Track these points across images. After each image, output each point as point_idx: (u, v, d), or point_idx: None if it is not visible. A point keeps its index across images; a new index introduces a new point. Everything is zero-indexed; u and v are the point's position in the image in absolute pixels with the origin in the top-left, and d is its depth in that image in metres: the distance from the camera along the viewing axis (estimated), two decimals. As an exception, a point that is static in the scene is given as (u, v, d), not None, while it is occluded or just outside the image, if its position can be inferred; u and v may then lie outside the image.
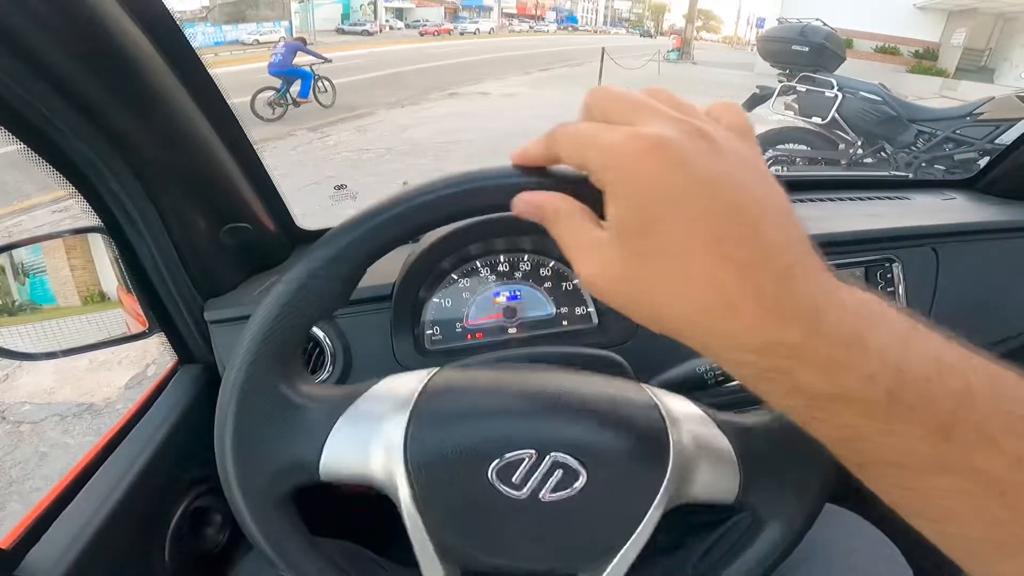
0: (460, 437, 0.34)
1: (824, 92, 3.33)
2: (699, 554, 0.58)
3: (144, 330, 0.60)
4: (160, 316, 0.60)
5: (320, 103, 7.34)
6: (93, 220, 0.54)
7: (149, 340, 0.63)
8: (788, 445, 0.37)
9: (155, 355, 2.27)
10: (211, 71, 0.54)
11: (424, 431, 0.34)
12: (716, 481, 0.37)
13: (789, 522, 0.38)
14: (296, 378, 0.36)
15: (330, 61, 7.79)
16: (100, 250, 0.58)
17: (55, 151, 0.46)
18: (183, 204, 0.55)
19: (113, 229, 0.54)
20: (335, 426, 0.35)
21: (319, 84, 7.32)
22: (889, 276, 0.76)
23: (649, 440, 0.35)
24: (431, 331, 0.68)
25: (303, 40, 7.95)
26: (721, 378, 0.49)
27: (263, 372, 0.34)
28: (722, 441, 0.37)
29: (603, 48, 9.41)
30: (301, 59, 7.34)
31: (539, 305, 0.70)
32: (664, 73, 12.43)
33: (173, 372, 0.65)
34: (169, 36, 0.48)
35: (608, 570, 0.37)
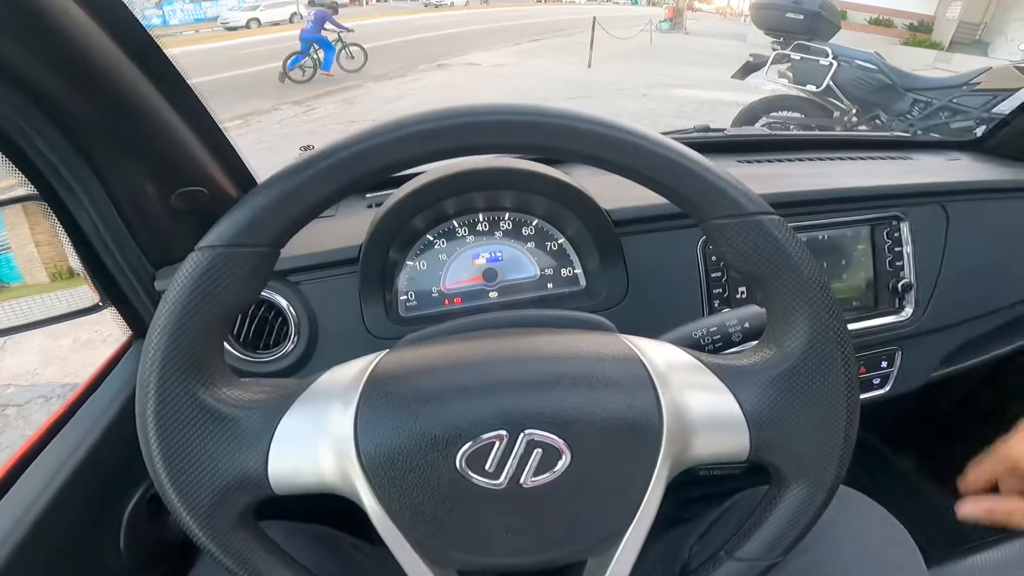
0: (418, 424, 0.30)
1: (819, 60, 3.30)
2: (698, 532, 0.55)
3: (96, 304, 0.56)
4: (109, 289, 0.56)
5: (344, 69, 7.90)
6: (31, 189, 0.49)
7: (114, 317, 0.59)
8: (800, 386, 0.33)
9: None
10: (151, 32, 0.49)
11: (374, 422, 0.30)
12: (722, 438, 0.32)
13: (816, 478, 0.34)
14: (221, 382, 0.31)
15: (352, 31, 8.13)
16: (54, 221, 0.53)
17: None
18: (126, 168, 0.51)
19: (50, 197, 0.49)
20: (276, 432, 0.30)
21: (347, 51, 8.01)
22: (896, 235, 0.73)
23: (635, 400, 0.31)
24: (405, 296, 0.64)
25: (334, 9, 8.40)
26: (719, 343, 0.46)
27: (177, 382, 0.29)
28: (721, 391, 0.33)
29: (594, 18, 9.17)
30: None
31: (522, 266, 0.66)
32: (656, 43, 12.18)
33: (126, 348, 0.60)
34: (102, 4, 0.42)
35: (617, 554, 0.33)
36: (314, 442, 0.31)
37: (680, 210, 0.34)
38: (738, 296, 0.68)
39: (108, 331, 2.24)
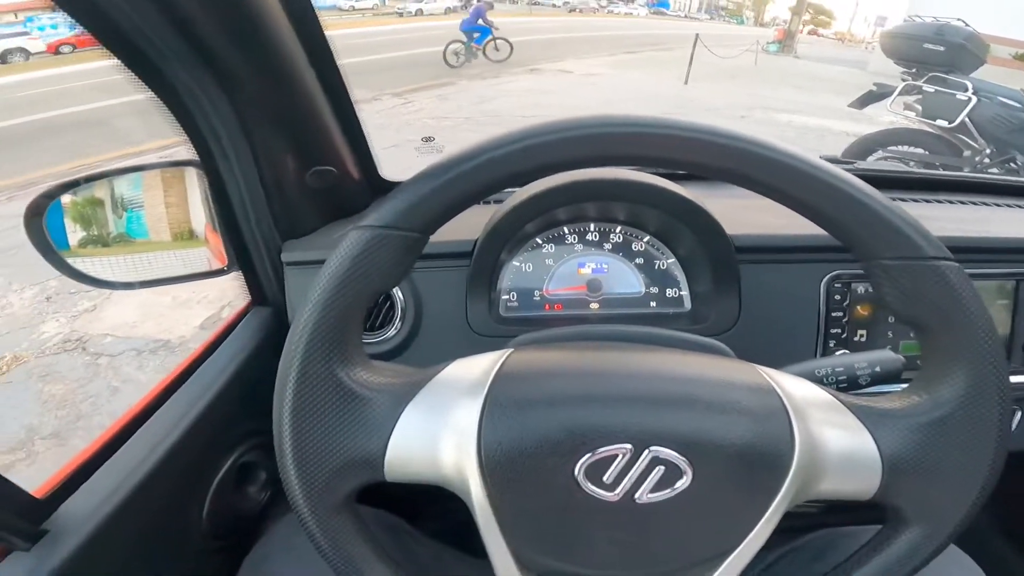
0: (543, 428, 0.30)
1: (956, 94, 3.00)
2: (764, 564, 0.53)
3: (223, 267, 0.60)
4: (240, 254, 0.59)
5: (488, 58, 9.09)
6: (191, 154, 0.54)
7: (229, 283, 0.63)
8: (949, 435, 0.32)
9: (231, 297, 2.37)
10: (320, 19, 0.53)
11: (500, 420, 0.30)
12: (851, 477, 0.32)
13: (939, 526, 0.32)
14: (357, 362, 0.32)
15: (497, 28, 9.37)
16: (195, 188, 0.58)
17: (164, 84, 0.46)
18: (275, 143, 0.54)
19: (207, 163, 0.54)
20: (400, 417, 0.31)
21: (494, 43, 9.20)
22: None
23: (769, 431, 0.30)
24: (508, 296, 0.65)
25: (490, 5, 10.01)
26: (844, 384, 0.44)
27: (320, 358, 0.30)
28: (859, 431, 0.32)
29: (696, 34, 8.87)
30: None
31: (627, 281, 0.65)
32: (761, 65, 11.58)
33: (244, 313, 0.64)
34: None
35: None
36: (436, 433, 0.31)
37: (808, 244, 0.34)
38: (856, 338, 0.64)
39: (204, 293, 2.41)
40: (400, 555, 0.52)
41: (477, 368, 0.33)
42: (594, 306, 0.65)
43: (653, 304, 0.65)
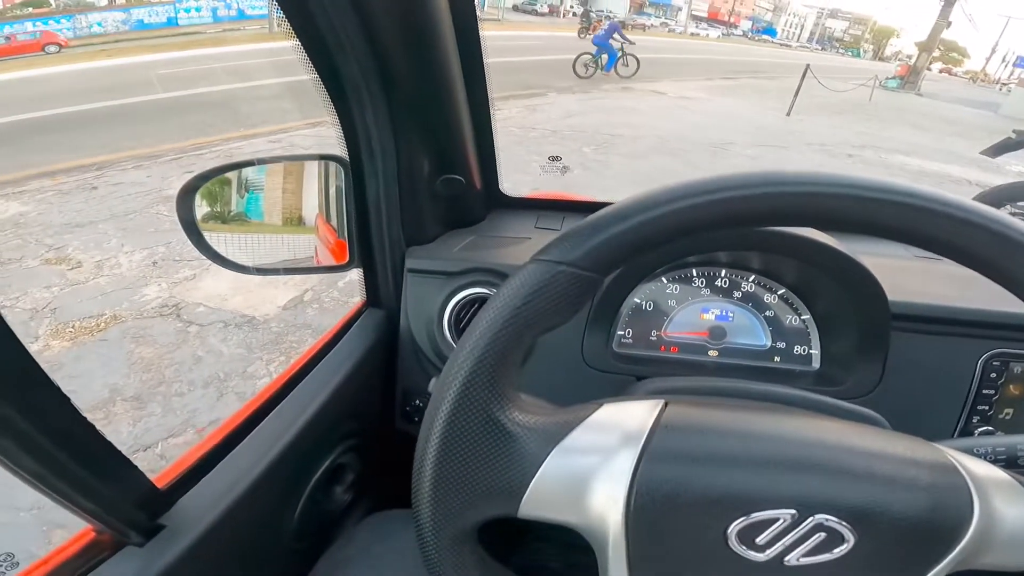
0: (701, 485, 0.29)
1: (1115, 150, 2.60)
2: None
3: (344, 264, 0.61)
4: (364, 253, 0.60)
5: (619, 74, 9.61)
6: (341, 151, 0.56)
7: (357, 280, 0.64)
8: None
9: (313, 283, 2.48)
10: (479, 23, 0.53)
11: (658, 471, 0.30)
12: (1017, 551, 0.31)
13: None
14: (511, 402, 0.31)
15: (634, 43, 9.79)
16: (312, 177, 0.60)
17: (335, 72, 0.47)
18: (418, 147, 0.55)
19: (354, 157, 0.55)
20: (549, 457, 0.30)
21: (624, 59, 9.66)
22: None
23: (949, 508, 0.30)
24: (622, 332, 0.62)
25: (622, 24, 10.66)
26: (1002, 463, 0.39)
27: (477, 394, 0.30)
28: None
29: (807, 65, 8.37)
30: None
31: (752, 333, 0.61)
32: (876, 101, 10.73)
33: (358, 314, 0.64)
34: None
35: None
36: (586, 476, 0.30)
37: (969, 318, 0.32)
38: (1002, 416, 0.61)
39: (289, 276, 2.54)
40: None
41: (632, 415, 0.32)
42: (713, 353, 0.62)
43: (777, 359, 0.62)
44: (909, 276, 0.61)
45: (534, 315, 0.30)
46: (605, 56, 9.45)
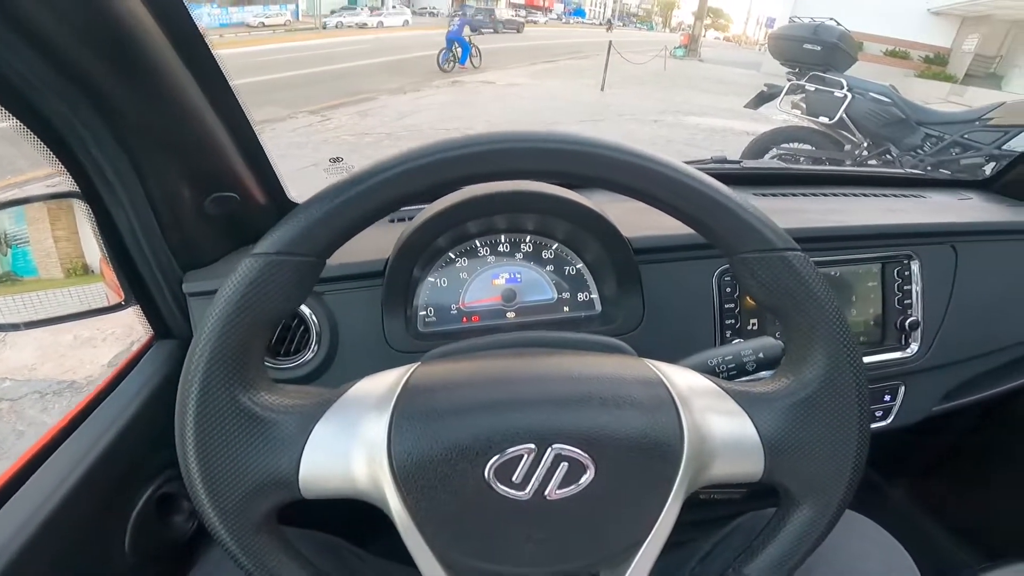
0: (449, 435, 0.31)
1: (833, 92, 3.30)
2: (700, 554, 0.56)
3: (120, 302, 0.57)
4: (136, 288, 0.57)
5: (473, 65, 10.53)
6: (72, 186, 0.50)
7: (140, 317, 0.60)
8: (816, 413, 0.34)
9: (140, 332, 2.21)
10: (207, 40, 0.50)
11: (408, 431, 0.31)
12: (738, 460, 0.34)
13: (824, 500, 0.35)
14: (261, 386, 0.32)
15: (474, 43, 10.72)
16: (84, 220, 0.54)
17: (31, 110, 0.42)
18: (166, 171, 0.52)
19: (90, 195, 0.51)
20: (309, 437, 0.32)
21: (473, 50, 10.59)
22: (907, 274, 0.74)
23: (659, 422, 0.32)
24: (424, 312, 0.65)
25: (470, 23, 11.34)
26: (734, 371, 0.47)
27: (220, 385, 0.31)
28: (740, 416, 0.34)
29: (610, 42, 9.30)
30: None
31: (540, 289, 0.67)
32: (670, 69, 12.32)
33: (147, 348, 0.61)
34: (164, 3, 0.44)
35: (631, 567, 0.34)
36: (347, 448, 0.32)
37: (699, 241, 0.35)
38: (749, 327, 0.69)
39: (110, 329, 2.24)
40: (342, 572, 0.52)
41: (384, 383, 0.34)
42: (510, 315, 0.66)
43: (566, 309, 0.67)
44: (648, 216, 0.66)
45: (257, 306, 0.30)
46: (459, 49, 10.19)
